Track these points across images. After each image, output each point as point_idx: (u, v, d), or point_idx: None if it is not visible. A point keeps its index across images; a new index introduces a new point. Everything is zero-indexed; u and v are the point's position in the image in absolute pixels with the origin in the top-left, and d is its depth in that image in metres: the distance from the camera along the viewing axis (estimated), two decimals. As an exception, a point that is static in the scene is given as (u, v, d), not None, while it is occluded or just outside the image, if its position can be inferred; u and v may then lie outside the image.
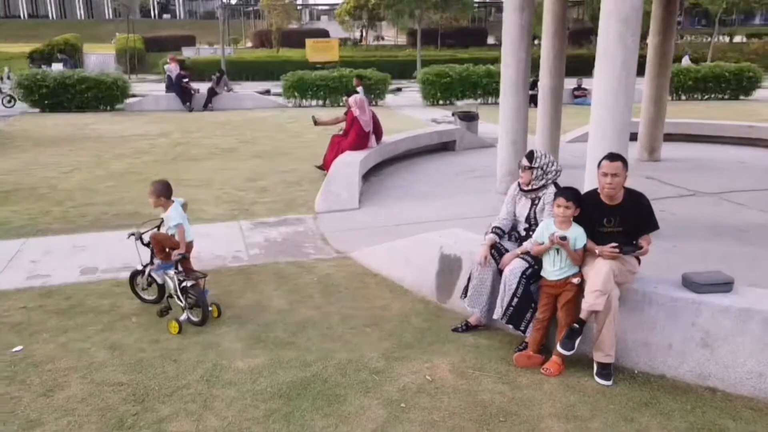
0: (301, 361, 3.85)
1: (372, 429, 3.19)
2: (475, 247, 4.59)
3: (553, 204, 3.93)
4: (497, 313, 4.08)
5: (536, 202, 4.21)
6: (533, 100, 9.59)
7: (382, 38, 53.05)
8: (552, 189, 4.14)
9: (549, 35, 9.00)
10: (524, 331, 4.04)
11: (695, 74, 20.55)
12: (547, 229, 3.92)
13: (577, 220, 3.90)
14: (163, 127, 14.34)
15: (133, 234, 4.50)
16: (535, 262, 4.02)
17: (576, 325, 3.71)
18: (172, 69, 18.56)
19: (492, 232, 4.30)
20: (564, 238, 3.81)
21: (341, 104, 18.41)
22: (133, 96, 19.06)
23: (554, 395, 3.52)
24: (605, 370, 3.69)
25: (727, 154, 10.76)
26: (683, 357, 3.70)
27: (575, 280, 3.86)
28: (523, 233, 4.29)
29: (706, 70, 20.98)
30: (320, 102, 18.51)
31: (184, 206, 4.59)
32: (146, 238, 4.53)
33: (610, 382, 3.64)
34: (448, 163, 10.13)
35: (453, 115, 12.63)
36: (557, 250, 3.87)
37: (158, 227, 4.62)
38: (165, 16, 74.13)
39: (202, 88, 18.58)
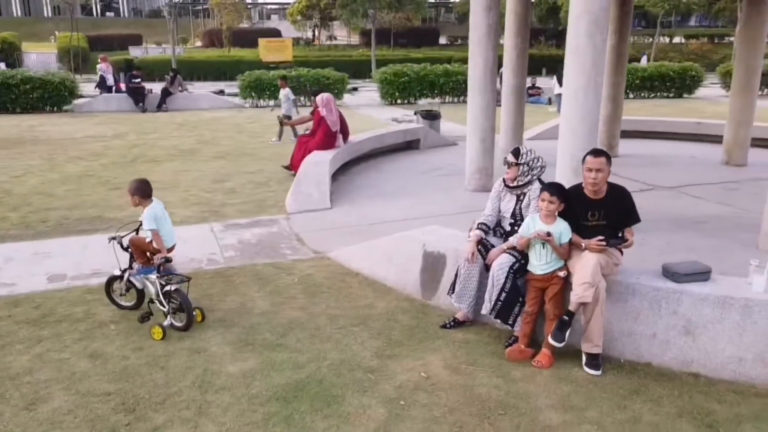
0: (293, 363, 3.80)
1: (374, 428, 3.18)
2: (459, 244, 4.63)
3: (539, 199, 4.01)
4: (486, 308, 4.12)
5: (521, 197, 4.28)
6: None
7: (335, 38, 52.87)
8: (537, 185, 4.21)
9: (512, 35, 9.16)
10: (512, 326, 4.10)
11: (642, 73, 21.32)
12: (533, 224, 3.99)
13: (562, 214, 3.99)
14: (117, 129, 13.89)
15: (113, 238, 4.34)
16: (521, 256, 4.09)
17: (566, 317, 3.79)
18: (105, 69, 18.10)
19: (477, 228, 4.34)
20: (548, 234, 3.88)
21: (298, 105, 18.24)
22: (81, 97, 18.38)
23: (548, 387, 3.59)
24: (594, 361, 3.78)
25: (679, 149, 11.23)
26: (667, 345, 3.83)
27: (562, 274, 3.95)
28: (508, 228, 4.35)
29: (652, 69, 21.82)
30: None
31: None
32: (126, 241, 4.37)
33: (599, 372, 3.74)
34: (414, 161, 10.19)
35: (415, 114, 12.70)
36: (543, 244, 3.95)
37: (137, 230, 4.47)
38: (108, 14, 71.79)
39: (154, 88, 18.08)
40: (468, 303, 4.29)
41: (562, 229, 3.94)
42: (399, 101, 19.24)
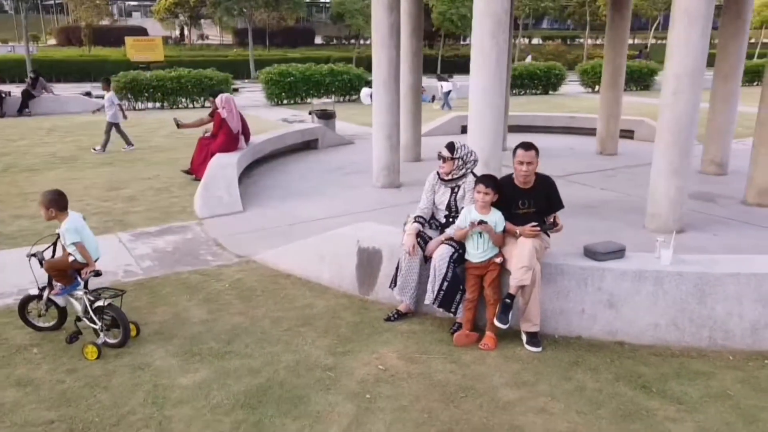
0: (248, 369, 3.71)
1: (347, 423, 3.20)
2: (393, 238, 4.75)
3: (474, 191, 4.22)
4: (428, 299, 4.27)
5: (456, 190, 4.47)
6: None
7: (207, 37, 50.91)
8: (471, 177, 4.42)
9: (407, 34, 9.43)
10: (455, 313, 4.29)
11: (513, 72, 22.70)
12: (469, 215, 4.20)
13: (495, 204, 4.23)
14: (-25, 136, 12.49)
15: (34, 255, 3.95)
16: (459, 246, 4.28)
17: (507, 300, 4.03)
18: None
19: (415, 221, 4.47)
20: (482, 222, 4.11)
21: (180, 106, 17.45)
22: None
23: (499, 367, 3.81)
24: (534, 339, 4.07)
25: (558, 141, 12.14)
26: (594, 318, 4.21)
27: (498, 260, 4.19)
28: (443, 220, 4.53)
29: (522, 68, 23.35)
30: (158, 104, 17.35)
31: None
32: (47, 255, 4.00)
33: (539, 349, 4.02)
34: (316, 161, 10.17)
35: (310, 113, 12.65)
36: (479, 234, 4.16)
37: (54, 244, 4.11)
38: (-63, 8, 63.69)
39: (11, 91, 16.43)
40: (410, 295, 4.41)
41: (497, 219, 4.18)
42: (285, 101, 19.02)
